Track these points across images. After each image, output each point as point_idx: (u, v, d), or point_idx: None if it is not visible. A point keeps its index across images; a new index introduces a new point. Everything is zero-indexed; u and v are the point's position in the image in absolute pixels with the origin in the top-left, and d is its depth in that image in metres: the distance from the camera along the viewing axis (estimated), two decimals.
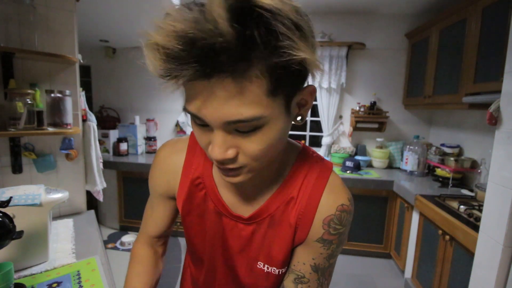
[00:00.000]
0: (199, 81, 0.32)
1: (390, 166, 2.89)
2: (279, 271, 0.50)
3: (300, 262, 0.49)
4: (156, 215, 0.62)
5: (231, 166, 0.39)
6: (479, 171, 2.01)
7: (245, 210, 0.51)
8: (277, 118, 0.37)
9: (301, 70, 0.34)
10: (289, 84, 0.36)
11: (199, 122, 0.38)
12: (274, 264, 0.50)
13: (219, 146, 0.36)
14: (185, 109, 0.38)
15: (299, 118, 0.42)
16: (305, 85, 0.40)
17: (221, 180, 0.52)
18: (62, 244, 1.08)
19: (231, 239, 0.52)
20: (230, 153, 0.37)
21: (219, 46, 0.28)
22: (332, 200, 0.47)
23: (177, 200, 0.56)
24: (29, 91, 1.13)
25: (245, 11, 0.29)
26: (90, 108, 1.64)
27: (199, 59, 0.29)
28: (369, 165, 2.89)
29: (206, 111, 0.34)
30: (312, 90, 0.42)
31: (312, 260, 0.48)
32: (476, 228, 1.36)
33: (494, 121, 1.22)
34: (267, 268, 0.51)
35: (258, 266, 0.51)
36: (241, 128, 0.35)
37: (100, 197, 1.59)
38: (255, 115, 0.34)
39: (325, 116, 2.94)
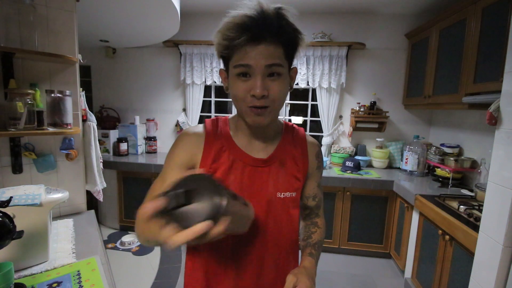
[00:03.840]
0: (250, 44, 0.59)
1: (390, 166, 2.89)
2: (290, 194, 0.73)
3: (311, 187, 0.81)
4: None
5: (263, 102, 0.62)
6: (479, 171, 2.01)
7: (263, 156, 0.73)
8: (286, 75, 0.65)
9: (296, 52, 0.67)
10: (292, 57, 0.66)
11: (243, 71, 0.61)
12: (288, 190, 0.73)
13: (260, 86, 0.60)
14: (236, 66, 0.61)
15: (289, 88, 0.70)
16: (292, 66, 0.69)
17: (242, 143, 0.72)
18: (62, 244, 1.08)
19: (254, 180, 0.71)
20: (266, 92, 0.61)
21: (268, 24, 0.59)
22: (313, 143, 0.81)
23: (201, 164, 0.70)
24: (29, 91, 1.14)
25: (282, 12, 0.62)
26: (90, 108, 1.64)
27: (259, 29, 0.59)
28: (369, 165, 2.89)
29: (254, 60, 0.60)
30: (296, 70, 0.71)
31: (316, 182, 0.82)
32: (476, 228, 1.37)
33: (494, 121, 1.22)
34: (283, 194, 0.72)
35: (278, 195, 0.72)
36: (272, 70, 0.61)
37: (100, 197, 1.59)
38: (280, 62, 0.62)
39: (325, 116, 2.94)
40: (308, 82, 2.88)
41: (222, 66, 0.69)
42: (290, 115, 3.11)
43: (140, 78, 3.24)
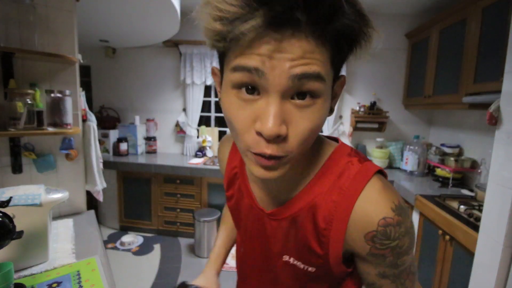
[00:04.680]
0: (266, 34, 0.30)
1: (390, 166, 2.89)
2: (304, 267, 0.47)
3: (365, 271, 0.45)
4: None
5: (275, 151, 0.35)
6: (479, 171, 2.01)
7: (268, 205, 0.50)
8: (327, 96, 0.37)
9: (350, 53, 0.36)
10: (340, 62, 0.37)
11: (248, 81, 0.34)
12: (300, 260, 0.47)
13: (275, 117, 0.32)
14: (235, 69, 0.34)
15: (330, 110, 0.41)
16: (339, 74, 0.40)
17: (251, 177, 0.52)
18: (62, 244, 1.08)
19: (258, 229, 0.52)
20: (284, 129, 0.33)
21: (307, 3, 0.29)
22: (370, 212, 0.40)
23: (224, 179, 0.61)
24: (29, 91, 1.13)
25: None
26: (90, 108, 1.64)
27: (280, 6, 0.29)
28: None
29: (273, 62, 0.31)
30: (343, 81, 0.42)
31: (375, 270, 0.44)
32: (476, 228, 1.36)
33: (494, 121, 1.22)
34: (293, 261, 0.48)
35: (284, 259, 0.50)
36: (305, 86, 0.33)
37: (100, 197, 1.59)
38: (322, 72, 0.33)
39: None
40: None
41: (216, 62, 0.45)
42: None
43: (140, 78, 3.24)
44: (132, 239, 2.67)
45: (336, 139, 0.50)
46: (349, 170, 0.43)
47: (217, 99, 3.19)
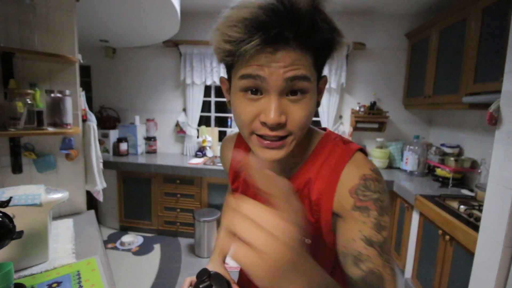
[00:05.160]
0: (266, 47, 0.40)
1: (390, 166, 2.89)
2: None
3: (349, 239, 0.47)
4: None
5: (281, 132, 0.45)
6: (479, 171, 2.01)
7: None
8: (314, 91, 0.46)
9: (327, 58, 0.47)
10: (322, 65, 0.48)
11: (252, 85, 0.44)
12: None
13: (275, 109, 0.43)
14: (242, 77, 0.44)
15: (316, 103, 0.50)
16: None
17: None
18: (62, 244, 1.08)
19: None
20: (283, 118, 0.44)
21: (296, 18, 0.39)
22: (353, 173, 0.49)
23: (229, 174, 0.68)
24: (29, 91, 1.13)
25: (315, 7, 0.41)
26: (90, 108, 1.64)
27: (281, 26, 0.39)
28: None
29: (269, 70, 0.42)
30: (325, 80, 0.52)
31: (360, 233, 0.46)
32: (476, 228, 1.36)
33: (494, 121, 1.22)
34: None
35: None
36: (295, 85, 0.43)
37: (100, 197, 1.59)
38: (307, 74, 0.43)
39: (325, 116, 2.94)
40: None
41: (223, 72, 0.55)
42: None
43: (140, 78, 3.24)
44: (132, 239, 2.67)
45: (324, 129, 0.60)
46: (335, 151, 0.53)
47: (217, 99, 3.22)
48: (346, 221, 0.48)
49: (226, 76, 0.51)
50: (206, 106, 3.28)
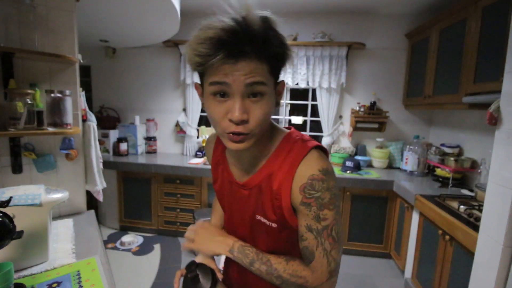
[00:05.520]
0: (229, 60, 0.50)
1: (390, 166, 2.89)
2: (270, 223, 0.65)
3: (299, 224, 0.62)
4: None
5: (242, 129, 0.54)
6: (479, 171, 2.01)
7: (241, 179, 0.70)
8: (271, 94, 0.57)
9: (283, 66, 0.57)
10: (277, 72, 0.57)
11: (220, 90, 0.53)
12: (267, 218, 0.65)
13: (239, 109, 0.52)
14: (211, 83, 0.53)
15: (276, 105, 0.62)
16: (280, 80, 0.60)
17: (230, 158, 0.72)
18: (62, 244, 1.08)
19: (240, 199, 0.71)
20: (246, 116, 0.54)
21: (251, 36, 0.50)
22: (304, 171, 0.59)
23: (212, 172, 0.80)
24: (29, 91, 1.13)
25: (269, 22, 0.52)
26: (90, 108, 1.64)
27: (239, 43, 0.49)
28: (369, 165, 2.89)
29: (232, 77, 0.51)
30: (282, 84, 0.62)
31: (304, 221, 0.61)
32: (476, 228, 1.36)
33: (494, 121, 1.22)
34: (263, 219, 0.66)
35: (257, 218, 0.67)
36: (254, 89, 0.53)
37: (100, 197, 1.59)
38: (263, 80, 0.53)
39: (325, 116, 2.94)
40: (308, 82, 2.88)
41: (197, 79, 0.62)
42: (290, 115, 3.11)
43: (140, 78, 3.24)
44: (132, 239, 2.67)
45: (289, 128, 0.69)
46: (295, 148, 0.62)
47: None
48: (298, 212, 0.62)
49: (200, 82, 0.61)
50: None
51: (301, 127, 3.11)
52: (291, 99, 3.14)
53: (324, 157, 0.62)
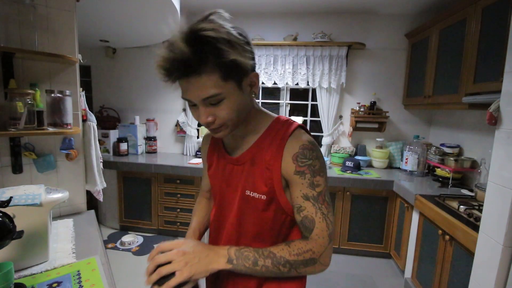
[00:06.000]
0: (183, 79, 0.58)
1: (390, 166, 2.89)
2: (259, 196, 0.70)
3: (294, 196, 0.68)
4: (205, 177, 0.93)
5: (213, 126, 0.64)
6: (479, 171, 2.01)
7: (235, 154, 0.76)
8: (232, 94, 0.61)
9: (239, 65, 0.57)
10: (235, 73, 0.59)
11: (190, 103, 0.64)
12: (256, 191, 0.70)
13: (203, 115, 0.62)
14: (182, 97, 0.63)
15: (253, 94, 0.68)
16: (251, 72, 0.63)
17: (228, 141, 0.79)
18: (62, 244, 1.08)
19: (231, 177, 0.76)
20: (210, 119, 0.62)
21: (185, 60, 0.54)
22: (294, 143, 0.67)
23: (207, 157, 0.86)
24: (29, 91, 1.13)
25: (195, 39, 0.53)
26: (90, 108, 1.64)
27: (180, 68, 0.56)
28: (369, 165, 2.89)
29: (190, 94, 0.60)
30: (256, 75, 0.65)
31: (300, 192, 0.66)
32: (476, 228, 1.37)
33: (494, 121, 1.22)
34: (252, 193, 0.71)
35: (246, 193, 0.72)
36: (211, 101, 0.60)
37: (100, 197, 1.59)
38: (215, 92, 0.58)
39: (325, 116, 2.94)
40: (308, 82, 2.88)
41: None
42: (290, 115, 3.11)
43: (140, 78, 3.24)
44: (132, 239, 2.67)
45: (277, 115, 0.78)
46: (284, 127, 0.70)
47: None
48: (291, 184, 0.67)
49: None
50: None
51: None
52: (291, 99, 3.14)
53: (309, 133, 0.72)
